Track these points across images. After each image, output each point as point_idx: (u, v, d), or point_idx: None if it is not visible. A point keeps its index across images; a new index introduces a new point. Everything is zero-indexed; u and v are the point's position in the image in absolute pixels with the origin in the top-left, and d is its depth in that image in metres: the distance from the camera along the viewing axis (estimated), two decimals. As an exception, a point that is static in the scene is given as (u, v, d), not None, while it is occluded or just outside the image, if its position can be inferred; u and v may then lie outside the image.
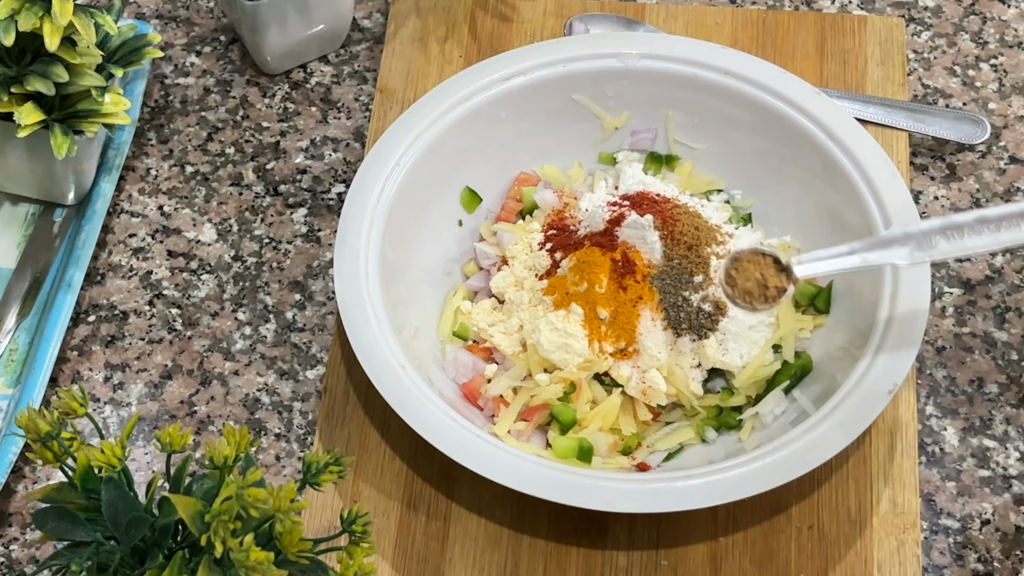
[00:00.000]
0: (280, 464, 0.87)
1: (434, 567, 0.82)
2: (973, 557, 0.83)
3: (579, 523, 0.83)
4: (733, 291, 0.78)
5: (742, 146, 0.91)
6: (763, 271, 0.78)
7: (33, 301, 0.91)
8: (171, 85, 1.02)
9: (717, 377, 0.87)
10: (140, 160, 0.99)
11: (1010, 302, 0.92)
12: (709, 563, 0.82)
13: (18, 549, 0.84)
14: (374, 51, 1.04)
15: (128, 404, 0.89)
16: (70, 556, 0.64)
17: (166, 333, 0.92)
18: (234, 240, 0.95)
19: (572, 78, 0.92)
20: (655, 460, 0.84)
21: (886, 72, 1.00)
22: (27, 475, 0.86)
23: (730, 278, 0.78)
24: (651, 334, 0.84)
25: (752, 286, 0.78)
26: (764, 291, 0.78)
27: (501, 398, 0.85)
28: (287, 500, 0.60)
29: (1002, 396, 0.88)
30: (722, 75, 0.91)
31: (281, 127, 1.00)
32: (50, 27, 0.83)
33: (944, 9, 1.04)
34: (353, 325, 0.82)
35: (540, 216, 0.91)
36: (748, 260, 0.78)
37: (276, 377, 0.90)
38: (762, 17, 1.03)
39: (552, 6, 1.03)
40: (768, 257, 0.78)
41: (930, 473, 0.85)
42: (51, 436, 0.64)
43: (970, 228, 0.76)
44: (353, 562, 0.65)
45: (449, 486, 0.85)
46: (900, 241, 0.77)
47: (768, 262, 0.78)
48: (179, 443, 0.64)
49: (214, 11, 1.06)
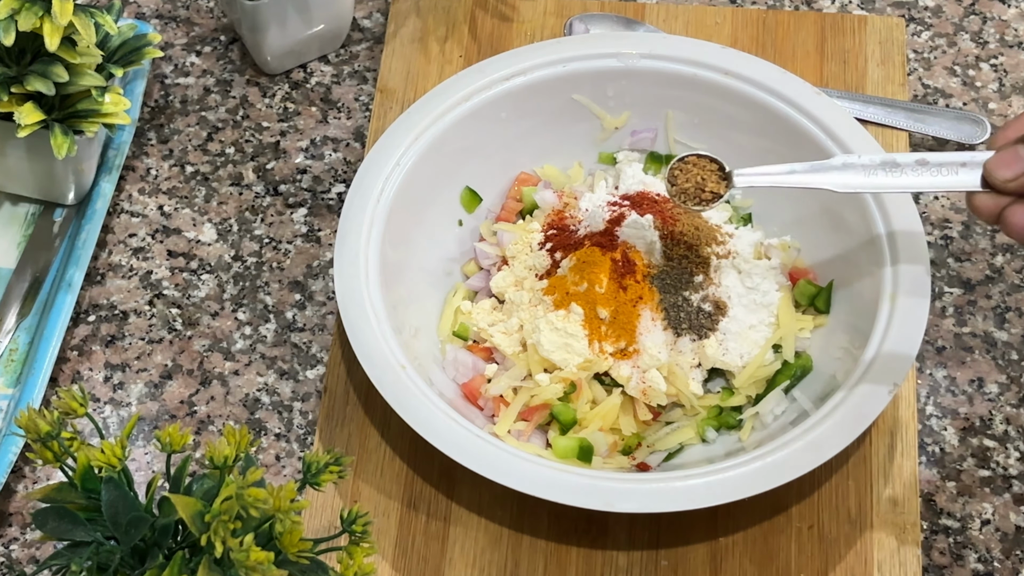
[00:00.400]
0: (280, 464, 0.87)
1: (434, 567, 0.82)
2: (973, 557, 0.83)
3: (579, 523, 0.83)
4: (673, 189, 0.81)
5: (742, 146, 0.91)
6: (704, 175, 0.81)
7: (33, 301, 0.91)
8: (171, 85, 1.02)
9: (717, 377, 0.87)
10: (140, 160, 0.99)
11: (1010, 302, 0.92)
12: (709, 563, 0.82)
13: (18, 549, 0.84)
14: (374, 51, 1.04)
15: (128, 404, 0.89)
16: (70, 556, 0.64)
17: (166, 333, 0.92)
18: (234, 240, 0.95)
19: (572, 78, 0.92)
20: (655, 460, 0.84)
21: (886, 72, 1.00)
22: (27, 475, 0.86)
23: (674, 176, 0.81)
24: (651, 334, 0.84)
25: (691, 187, 0.81)
26: (700, 193, 0.80)
27: (501, 398, 0.85)
28: (287, 500, 0.60)
29: (1002, 396, 0.88)
30: (722, 75, 0.91)
31: (281, 127, 1.00)
32: (50, 27, 0.83)
33: (944, 9, 1.04)
34: (353, 325, 0.82)
35: (540, 216, 0.91)
36: (694, 163, 0.81)
37: (276, 377, 0.90)
38: (762, 17, 1.03)
39: (552, 6, 1.03)
40: (715, 163, 0.81)
41: (930, 473, 0.85)
42: (51, 436, 0.64)
43: (910, 168, 0.76)
44: (353, 562, 0.65)
45: (449, 486, 0.85)
46: (839, 170, 0.78)
47: (713, 168, 0.81)
48: (179, 443, 0.64)
49: (214, 11, 1.06)
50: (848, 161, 0.78)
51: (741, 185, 0.80)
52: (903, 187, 0.77)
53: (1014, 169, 0.72)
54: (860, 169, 0.77)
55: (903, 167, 0.76)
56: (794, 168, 0.79)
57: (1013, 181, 0.72)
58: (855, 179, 0.77)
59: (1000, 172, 0.73)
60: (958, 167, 0.75)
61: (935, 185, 0.76)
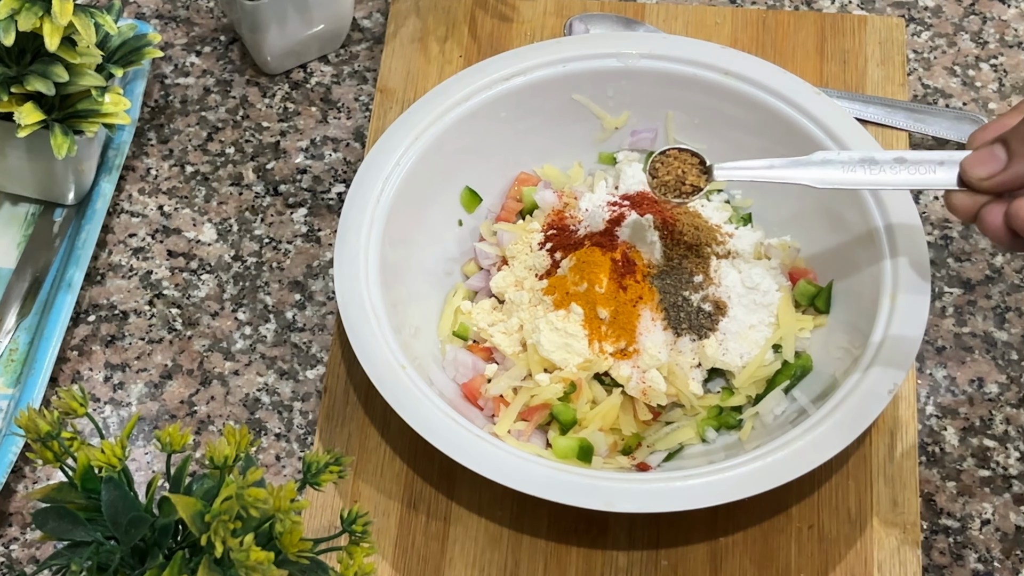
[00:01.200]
0: (280, 464, 0.87)
1: (434, 567, 0.82)
2: (973, 557, 0.83)
3: (579, 523, 0.83)
4: (654, 182, 0.81)
5: (742, 146, 0.91)
6: (685, 168, 0.81)
7: (33, 301, 0.91)
8: (171, 85, 1.02)
9: (717, 377, 0.87)
10: (140, 160, 0.99)
11: (1010, 302, 0.92)
12: (709, 563, 0.82)
13: (18, 549, 0.84)
14: (374, 51, 1.04)
15: (128, 404, 0.89)
16: (70, 556, 0.64)
17: (166, 333, 0.92)
18: (234, 240, 0.95)
19: (572, 78, 0.92)
20: (655, 460, 0.84)
21: (886, 72, 1.00)
22: (27, 475, 0.86)
23: (655, 169, 0.82)
24: (651, 334, 0.84)
25: (671, 180, 0.81)
26: (681, 187, 0.81)
27: (501, 398, 0.85)
28: (287, 500, 0.60)
29: (1002, 396, 0.88)
30: (722, 75, 0.91)
31: (281, 127, 1.00)
32: (50, 27, 0.83)
33: (944, 9, 1.04)
34: (353, 325, 0.82)
35: (540, 216, 0.91)
36: (675, 156, 0.82)
37: (276, 377, 0.90)
38: (762, 17, 1.03)
39: (552, 6, 1.03)
40: (696, 157, 0.81)
41: (930, 473, 0.85)
42: (51, 436, 0.64)
43: (888, 165, 0.77)
44: (353, 562, 0.65)
45: (449, 486, 0.85)
46: (818, 166, 0.79)
47: (694, 161, 0.81)
48: (179, 443, 0.64)
49: (214, 11, 1.06)
50: (827, 157, 0.79)
51: (721, 179, 0.81)
52: (881, 184, 0.77)
53: (989, 168, 0.72)
54: (839, 165, 0.78)
55: (881, 164, 0.77)
56: (773, 163, 0.80)
57: (988, 180, 0.73)
58: (834, 175, 0.78)
59: (976, 171, 0.73)
60: (936, 165, 0.76)
61: (913, 183, 0.76)
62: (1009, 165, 0.72)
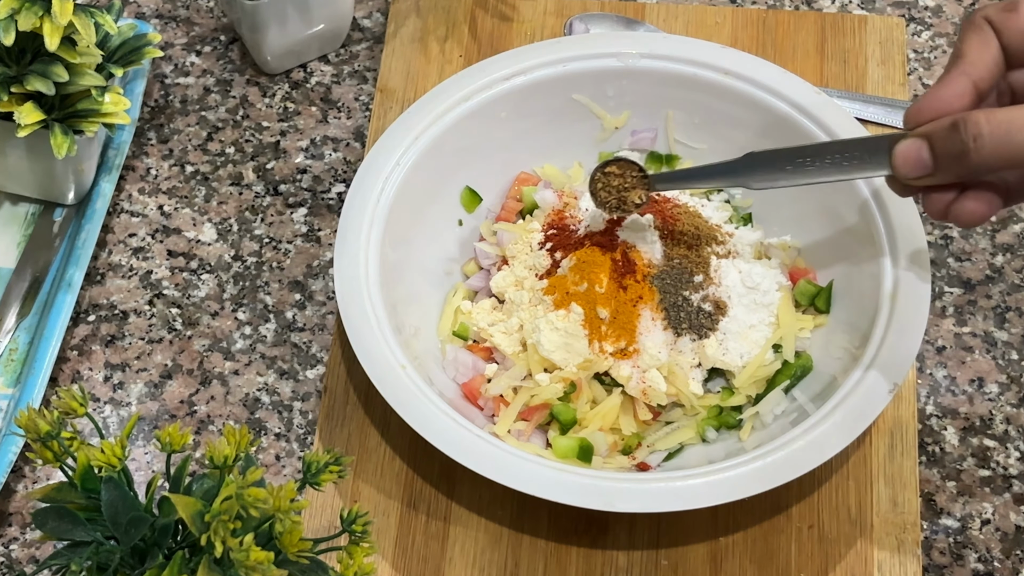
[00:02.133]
0: (280, 464, 0.87)
1: (434, 567, 0.82)
2: (973, 557, 0.83)
3: (579, 523, 0.83)
4: (596, 198, 0.84)
5: (742, 146, 0.91)
6: (625, 182, 0.83)
7: (33, 301, 0.91)
8: (171, 85, 1.02)
9: (717, 377, 0.87)
10: (140, 160, 0.99)
11: (1010, 302, 0.92)
12: (709, 563, 0.82)
13: (18, 549, 0.84)
14: (374, 51, 1.04)
15: (128, 404, 0.89)
16: (70, 556, 0.64)
17: (166, 333, 0.92)
18: (234, 240, 0.95)
19: (572, 78, 0.92)
20: (655, 460, 0.84)
21: (886, 72, 1.00)
22: (27, 475, 0.86)
23: (595, 187, 0.84)
24: (651, 334, 0.84)
25: (612, 200, 0.84)
26: (622, 205, 0.83)
27: (501, 398, 0.85)
28: (287, 500, 0.60)
29: (1002, 396, 0.88)
30: (722, 75, 0.91)
31: (281, 127, 1.00)
32: (50, 27, 0.83)
33: (944, 9, 1.04)
34: (353, 325, 0.82)
35: (540, 216, 0.91)
36: (614, 172, 0.84)
37: (276, 377, 0.90)
38: (762, 17, 1.03)
39: (552, 6, 1.03)
40: (635, 167, 0.83)
41: (930, 473, 0.85)
42: (51, 436, 0.64)
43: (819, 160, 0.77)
44: (353, 562, 0.65)
45: (449, 486, 0.85)
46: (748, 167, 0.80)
47: (634, 172, 0.83)
48: (179, 443, 0.64)
49: (214, 11, 1.06)
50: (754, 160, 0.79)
51: (661, 190, 0.84)
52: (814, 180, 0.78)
53: (917, 171, 0.72)
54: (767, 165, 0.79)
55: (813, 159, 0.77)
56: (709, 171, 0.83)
57: (918, 181, 0.73)
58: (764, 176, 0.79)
59: (904, 171, 0.73)
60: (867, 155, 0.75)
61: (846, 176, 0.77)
62: (935, 172, 0.71)
